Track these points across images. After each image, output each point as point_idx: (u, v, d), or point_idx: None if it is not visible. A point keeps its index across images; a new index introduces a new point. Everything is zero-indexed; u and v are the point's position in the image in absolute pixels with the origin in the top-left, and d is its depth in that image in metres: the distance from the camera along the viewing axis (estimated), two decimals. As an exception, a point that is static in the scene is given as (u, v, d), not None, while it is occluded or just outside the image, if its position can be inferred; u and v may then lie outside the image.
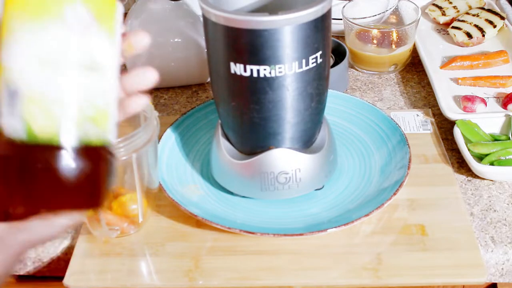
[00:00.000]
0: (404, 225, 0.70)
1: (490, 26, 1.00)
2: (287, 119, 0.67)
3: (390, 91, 0.95)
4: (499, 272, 0.68)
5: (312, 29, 0.61)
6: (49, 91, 0.36)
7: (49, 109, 0.36)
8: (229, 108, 0.68)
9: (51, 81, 0.36)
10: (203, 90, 0.98)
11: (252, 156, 0.70)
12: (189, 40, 0.94)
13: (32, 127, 0.36)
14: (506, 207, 0.73)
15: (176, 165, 0.78)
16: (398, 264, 0.66)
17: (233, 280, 0.65)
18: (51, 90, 0.36)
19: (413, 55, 1.01)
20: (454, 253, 0.66)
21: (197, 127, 0.84)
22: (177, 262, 0.67)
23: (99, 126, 0.38)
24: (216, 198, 0.74)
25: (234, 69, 0.63)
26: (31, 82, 0.36)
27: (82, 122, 0.37)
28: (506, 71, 0.94)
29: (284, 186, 0.70)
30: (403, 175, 0.72)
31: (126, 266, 0.67)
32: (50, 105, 0.36)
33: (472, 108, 0.84)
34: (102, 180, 0.38)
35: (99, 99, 0.38)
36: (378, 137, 0.81)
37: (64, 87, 0.36)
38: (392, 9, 1.02)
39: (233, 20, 0.60)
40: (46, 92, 0.36)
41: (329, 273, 0.66)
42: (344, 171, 0.78)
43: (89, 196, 0.38)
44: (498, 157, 0.76)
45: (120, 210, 0.69)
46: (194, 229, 0.71)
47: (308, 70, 0.64)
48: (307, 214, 0.72)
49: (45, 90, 0.36)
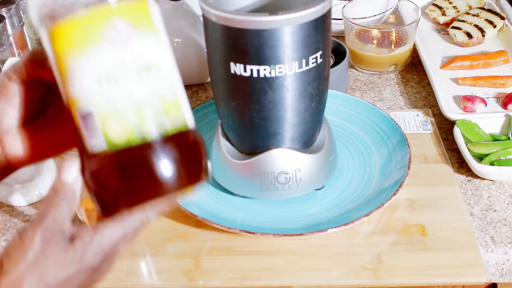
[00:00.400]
0: (404, 225, 0.70)
1: (490, 26, 1.00)
2: (287, 119, 0.67)
3: (390, 91, 0.95)
4: (499, 272, 0.68)
5: (312, 29, 0.61)
6: (115, 103, 0.40)
7: (121, 118, 0.40)
8: (229, 108, 0.68)
9: (115, 94, 0.39)
10: (203, 90, 0.98)
11: (252, 156, 0.70)
12: (189, 40, 0.94)
13: (110, 137, 0.40)
14: (506, 207, 0.73)
15: (176, 165, 0.78)
16: (398, 264, 0.66)
17: (233, 280, 0.65)
18: (117, 101, 0.40)
19: (413, 55, 1.01)
20: (454, 253, 0.66)
21: (197, 127, 0.83)
22: (177, 262, 0.67)
23: (172, 116, 0.41)
24: (216, 198, 0.74)
25: (234, 69, 0.63)
26: (98, 101, 0.39)
27: (154, 118, 0.40)
28: (506, 71, 0.93)
29: (284, 186, 0.70)
30: (403, 175, 0.72)
31: (126, 266, 0.67)
32: (120, 114, 0.40)
33: (472, 108, 0.84)
34: (192, 158, 0.42)
35: (165, 92, 0.41)
36: (378, 137, 0.81)
37: (127, 95, 0.40)
38: (392, 9, 1.02)
39: (233, 20, 0.60)
40: (114, 105, 0.40)
41: (329, 273, 0.66)
42: (344, 171, 0.78)
43: (184, 175, 0.41)
44: (498, 157, 0.76)
45: (120, 210, 0.69)
46: (194, 229, 0.71)
47: (308, 70, 0.64)
48: (307, 214, 0.72)
49: (112, 103, 0.39)
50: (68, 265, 0.41)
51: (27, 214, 0.74)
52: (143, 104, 0.40)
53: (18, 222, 0.73)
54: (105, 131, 0.40)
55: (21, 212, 0.75)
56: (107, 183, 0.41)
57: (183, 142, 0.42)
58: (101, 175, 0.41)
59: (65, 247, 0.41)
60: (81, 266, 0.42)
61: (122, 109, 0.39)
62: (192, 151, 0.43)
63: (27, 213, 0.75)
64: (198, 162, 0.43)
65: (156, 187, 0.41)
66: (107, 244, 0.42)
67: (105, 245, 0.42)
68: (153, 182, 0.40)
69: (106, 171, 0.41)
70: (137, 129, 0.40)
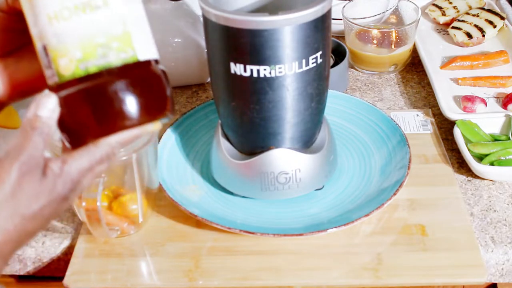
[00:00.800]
0: (404, 225, 0.70)
1: (490, 26, 1.00)
2: (287, 119, 0.67)
3: (390, 91, 0.95)
4: (499, 272, 0.68)
5: (312, 29, 0.61)
6: (63, 38, 0.43)
7: (67, 51, 0.43)
8: (229, 108, 0.68)
9: (62, 30, 0.43)
10: (203, 90, 0.98)
11: (252, 156, 0.70)
12: (189, 40, 0.94)
13: (60, 69, 0.43)
14: (506, 207, 0.73)
15: (176, 165, 0.78)
16: (398, 264, 0.66)
17: (233, 280, 0.65)
18: (65, 37, 0.43)
19: (413, 55, 1.01)
20: (454, 253, 0.66)
21: (197, 127, 0.84)
22: (177, 262, 0.67)
23: (120, 49, 0.44)
24: (216, 198, 0.74)
25: (234, 69, 0.63)
26: (49, 35, 0.43)
27: (100, 52, 0.43)
28: (506, 71, 0.93)
29: (284, 186, 0.70)
30: (403, 175, 0.72)
31: (126, 266, 0.67)
32: (67, 48, 0.43)
33: (472, 108, 0.84)
34: (149, 90, 0.45)
35: (112, 27, 0.43)
36: (378, 137, 0.81)
37: (74, 31, 0.43)
38: (392, 9, 1.02)
39: (233, 20, 0.60)
40: (62, 40, 0.43)
41: (329, 273, 0.66)
42: (344, 171, 0.78)
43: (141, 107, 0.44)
44: (498, 157, 0.76)
45: (120, 210, 0.69)
46: (194, 229, 0.71)
47: (308, 70, 0.64)
48: (307, 214, 0.72)
49: (60, 38, 0.43)
50: (41, 196, 0.44)
51: (27, 214, 0.74)
52: (88, 39, 0.43)
53: (18, 222, 0.73)
54: (56, 64, 0.44)
55: (21, 212, 0.75)
56: (66, 115, 0.44)
57: (135, 74, 0.44)
58: (61, 106, 0.44)
59: (39, 179, 0.44)
60: (52, 196, 0.45)
61: (68, 43, 0.43)
62: (146, 83, 0.45)
63: (27, 213, 0.75)
64: (156, 95, 0.45)
65: (112, 119, 0.43)
66: (75, 174, 0.45)
67: (73, 175, 0.45)
68: (109, 114, 0.43)
69: (62, 103, 0.44)
70: (82, 62, 0.43)
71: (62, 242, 0.71)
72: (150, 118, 0.45)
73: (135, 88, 0.44)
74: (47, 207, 0.45)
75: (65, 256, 0.71)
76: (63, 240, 0.71)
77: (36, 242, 0.71)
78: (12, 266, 0.71)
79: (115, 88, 0.43)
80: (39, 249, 0.70)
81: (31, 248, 0.70)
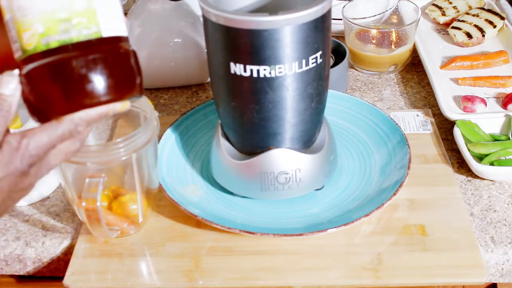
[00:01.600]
0: (404, 225, 0.70)
1: (490, 26, 1.00)
2: (287, 119, 0.67)
3: (390, 91, 0.95)
4: (499, 272, 0.68)
5: (312, 29, 0.61)
6: (25, 12, 0.43)
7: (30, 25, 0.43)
8: (229, 108, 0.68)
9: (25, 4, 0.43)
10: (203, 90, 0.98)
11: (252, 156, 0.70)
12: (189, 40, 0.94)
13: (23, 43, 0.43)
14: (506, 207, 0.73)
15: (176, 165, 0.78)
16: (398, 264, 0.66)
17: (233, 280, 0.65)
18: (27, 11, 0.43)
19: (413, 55, 1.01)
20: (454, 253, 0.66)
21: (197, 127, 0.84)
22: (177, 262, 0.67)
23: (82, 25, 0.43)
24: (216, 198, 0.74)
25: (234, 69, 0.63)
26: (14, 9, 0.43)
27: (62, 27, 0.43)
28: (506, 71, 0.94)
29: (284, 186, 0.70)
30: (403, 175, 0.72)
31: (126, 266, 0.67)
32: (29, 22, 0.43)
33: (472, 108, 0.84)
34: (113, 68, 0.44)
35: (74, 3, 0.43)
36: (378, 137, 0.81)
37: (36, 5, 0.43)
38: (392, 9, 1.02)
39: (233, 20, 0.60)
40: (24, 14, 0.43)
41: (329, 273, 0.66)
42: (344, 171, 0.78)
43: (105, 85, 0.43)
44: (498, 157, 0.76)
45: (120, 210, 0.69)
46: (194, 229, 0.71)
47: (308, 70, 0.64)
48: (307, 214, 0.72)
49: (23, 12, 0.43)
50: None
51: (27, 214, 0.74)
52: (50, 13, 0.43)
53: (18, 222, 0.73)
54: (20, 37, 0.44)
55: (20, 212, 0.75)
56: (31, 91, 0.44)
57: (98, 51, 0.44)
58: (24, 81, 0.44)
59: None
60: (9, 170, 0.44)
61: (31, 17, 0.43)
62: (111, 61, 0.44)
63: (27, 213, 0.75)
64: (122, 73, 0.45)
65: (75, 95, 0.43)
66: (34, 149, 0.45)
67: (31, 150, 0.45)
68: (71, 90, 0.43)
69: (26, 78, 0.44)
70: (44, 37, 0.43)
71: (62, 242, 0.71)
72: (115, 97, 0.44)
73: (98, 65, 0.43)
74: (4, 180, 0.44)
75: (65, 256, 0.71)
76: (63, 240, 0.71)
77: (36, 242, 0.71)
78: (12, 266, 0.71)
79: (76, 64, 0.43)
80: (39, 249, 0.70)
81: (31, 248, 0.70)
